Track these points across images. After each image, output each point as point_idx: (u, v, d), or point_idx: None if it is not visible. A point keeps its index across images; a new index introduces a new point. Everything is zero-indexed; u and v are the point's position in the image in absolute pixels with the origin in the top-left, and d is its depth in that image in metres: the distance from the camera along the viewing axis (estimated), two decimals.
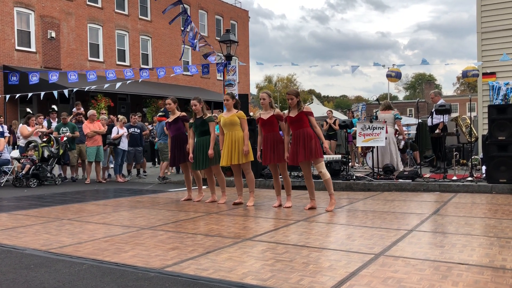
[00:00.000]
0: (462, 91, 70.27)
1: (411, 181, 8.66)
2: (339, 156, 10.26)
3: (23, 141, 11.69)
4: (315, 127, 6.33)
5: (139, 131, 12.22)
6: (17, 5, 22.21)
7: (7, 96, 15.94)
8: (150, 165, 15.84)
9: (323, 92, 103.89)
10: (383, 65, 14.53)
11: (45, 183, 11.09)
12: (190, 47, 14.09)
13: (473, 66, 11.93)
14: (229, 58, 12.91)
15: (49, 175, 11.27)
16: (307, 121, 6.30)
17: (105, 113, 15.89)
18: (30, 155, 10.99)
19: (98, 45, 26.18)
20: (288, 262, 3.64)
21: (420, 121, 12.88)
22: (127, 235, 4.85)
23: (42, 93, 14.53)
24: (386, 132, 9.22)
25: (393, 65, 14.50)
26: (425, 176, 9.12)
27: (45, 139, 11.70)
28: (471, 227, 4.93)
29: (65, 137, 11.59)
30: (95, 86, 15.23)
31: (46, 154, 11.24)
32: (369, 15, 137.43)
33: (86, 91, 16.73)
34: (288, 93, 6.37)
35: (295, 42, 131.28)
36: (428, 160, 11.90)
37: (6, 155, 11.37)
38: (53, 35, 23.40)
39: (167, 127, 7.94)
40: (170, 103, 7.74)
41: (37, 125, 12.00)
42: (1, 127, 12.39)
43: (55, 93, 14.15)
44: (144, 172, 12.83)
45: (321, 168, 6.24)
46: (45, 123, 12.75)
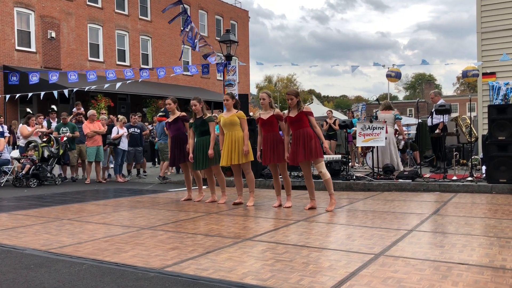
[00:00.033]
0: (462, 91, 70.28)
1: (411, 181, 8.66)
2: (339, 156, 10.26)
3: (23, 141, 11.69)
4: (315, 127, 6.33)
5: (139, 131, 12.22)
6: (17, 5, 22.21)
7: (7, 96, 15.94)
8: (150, 165, 15.84)
9: (323, 92, 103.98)
10: (383, 65, 14.55)
11: (45, 183, 11.09)
12: (190, 47, 14.09)
13: (473, 66, 11.93)
14: (229, 58, 12.92)
15: (49, 175, 11.27)
16: (307, 121, 6.30)
17: (105, 113, 15.89)
18: (30, 155, 10.99)
19: (98, 45, 26.19)
20: (288, 262, 3.64)
21: (420, 121, 12.88)
22: (127, 235, 4.86)
23: (42, 93, 14.53)
24: (386, 132, 9.23)
25: (393, 65, 14.51)
26: (425, 176, 9.12)
27: (45, 139, 11.70)
28: (471, 227, 4.93)
29: (65, 137, 11.59)
30: (95, 86, 15.23)
31: (46, 154, 11.24)
32: (369, 15, 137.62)
33: (86, 91, 16.73)
34: (287, 93, 6.38)
35: (295, 42, 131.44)
36: (428, 160, 11.90)
37: (6, 155, 11.38)
38: (53, 35, 23.40)
39: (167, 127, 7.94)
40: (170, 103, 7.74)
41: (37, 125, 12.01)
42: (1, 127, 12.40)
43: (55, 93, 14.16)
44: (144, 172, 12.83)
45: (321, 168, 6.24)
46: (45, 123, 12.76)
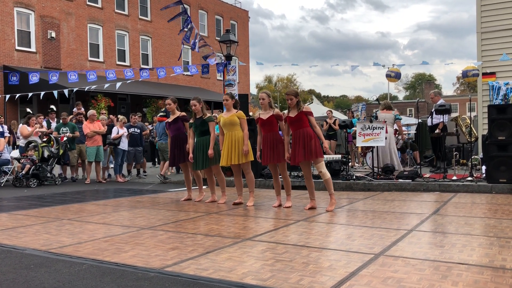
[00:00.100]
0: (462, 91, 70.27)
1: (411, 181, 8.66)
2: (339, 156, 10.27)
3: (23, 141, 11.69)
4: (315, 127, 6.33)
5: (139, 131, 12.22)
6: (17, 5, 22.21)
7: (7, 96, 15.94)
8: (150, 165, 15.84)
9: (323, 92, 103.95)
10: (383, 65, 14.56)
11: (45, 183, 11.09)
12: (190, 47, 14.09)
13: (473, 66, 11.94)
14: (229, 58, 12.92)
15: (49, 175, 11.27)
16: (307, 121, 6.30)
17: (105, 113, 15.90)
18: (30, 155, 10.99)
19: (98, 45, 26.19)
20: (288, 262, 3.64)
21: (420, 121, 12.89)
22: (127, 235, 4.86)
23: (42, 93, 14.53)
24: (386, 132, 9.23)
25: (393, 65, 14.52)
26: (425, 176, 9.12)
27: (45, 139, 11.70)
28: (471, 227, 4.93)
29: (65, 137, 11.60)
30: (95, 86, 15.23)
31: (46, 154, 11.24)
32: (369, 15, 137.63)
33: (86, 91, 16.74)
34: (287, 94, 6.38)
35: (295, 42, 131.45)
36: (428, 160, 11.91)
37: (6, 155, 11.38)
38: (53, 35, 23.40)
39: (167, 127, 7.94)
40: (170, 103, 7.74)
41: (36, 124, 12.00)
42: (1, 127, 12.39)
43: (55, 93, 14.15)
44: (144, 172, 12.83)
45: (321, 168, 6.24)
46: (44, 123, 12.76)
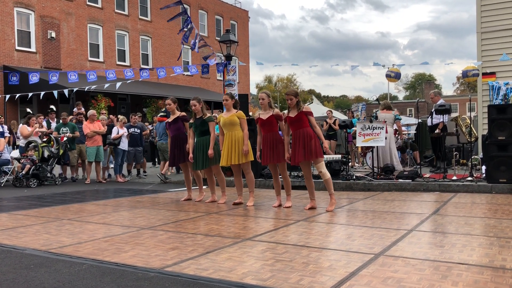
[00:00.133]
0: (462, 91, 70.28)
1: (411, 181, 8.66)
2: (339, 156, 10.27)
3: (23, 141, 11.69)
4: (314, 127, 6.33)
5: (139, 131, 12.22)
6: (17, 5, 22.21)
7: (7, 96, 15.94)
8: (150, 165, 15.84)
9: (323, 92, 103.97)
10: (383, 65, 14.57)
11: (45, 183, 11.09)
12: (190, 47, 14.09)
13: (473, 66, 11.94)
14: (229, 58, 12.92)
15: (49, 175, 11.27)
16: (307, 121, 6.30)
17: (105, 113, 15.89)
18: (30, 155, 10.99)
19: (98, 45, 26.19)
20: (288, 262, 3.64)
21: (420, 121, 12.89)
22: (127, 235, 4.86)
23: (42, 93, 14.53)
24: (386, 132, 9.23)
25: (393, 65, 14.53)
26: (425, 176, 9.12)
27: (45, 139, 11.70)
28: (471, 227, 4.93)
29: (65, 137, 11.60)
30: (95, 86, 15.23)
31: (46, 154, 11.24)
32: (369, 15, 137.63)
33: (86, 91, 16.74)
34: (287, 94, 6.37)
35: (295, 42, 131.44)
36: (428, 160, 11.91)
37: (6, 155, 11.38)
38: (53, 35, 23.40)
39: (167, 127, 7.94)
40: (170, 103, 7.74)
41: (36, 124, 11.99)
42: (1, 127, 12.40)
43: (55, 93, 14.15)
44: (144, 172, 12.83)
45: (321, 168, 6.24)
46: (44, 123, 12.76)
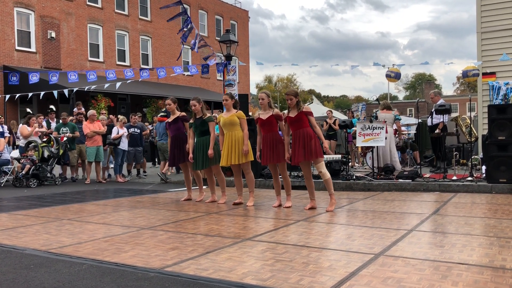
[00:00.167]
0: (462, 91, 70.28)
1: (411, 181, 8.66)
2: (339, 156, 10.26)
3: (23, 141, 11.69)
4: (314, 127, 6.32)
5: (139, 131, 12.22)
6: (17, 5, 22.21)
7: (7, 96, 15.94)
8: (150, 165, 15.84)
9: (323, 92, 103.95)
10: (383, 65, 14.58)
11: (45, 183, 11.09)
12: (190, 47, 14.09)
13: (473, 66, 11.93)
14: (229, 58, 12.92)
15: (49, 175, 11.27)
16: (307, 121, 6.30)
17: (105, 113, 15.89)
18: (30, 155, 10.99)
19: (98, 45, 26.19)
20: (288, 262, 3.64)
21: (420, 121, 12.89)
22: (127, 235, 4.86)
23: (42, 93, 14.53)
24: (386, 132, 9.23)
25: (393, 65, 14.53)
26: (425, 176, 9.12)
27: (45, 139, 11.70)
28: (471, 227, 4.93)
29: (65, 137, 11.59)
30: (95, 86, 15.23)
31: (46, 154, 11.24)
32: (369, 15, 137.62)
33: (86, 91, 16.73)
34: (287, 94, 6.37)
35: (295, 42, 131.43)
36: (428, 160, 11.90)
37: (6, 155, 11.38)
38: (53, 35, 23.40)
39: (167, 127, 7.94)
40: (170, 103, 7.74)
41: (35, 124, 11.98)
42: (1, 127, 12.40)
43: (55, 93, 14.15)
44: (144, 172, 12.83)
45: (321, 168, 6.24)
46: (44, 123, 12.76)
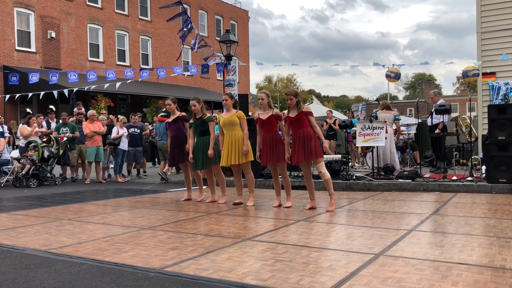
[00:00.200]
0: (462, 91, 70.28)
1: (411, 181, 8.66)
2: (339, 156, 10.26)
3: (23, 141, 11.69)
4: (314, 127, 6.32)
5: (139, 131, 12.22)
6: (17, 5, 22.21)
7: (7, 96, 15.94)
8: (150, 165, 15.84)
9: (323, 92, 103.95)
10: (383, 65, 14.59)
11: (45, 183, 11.09)
12: (190, 47, 14.10)
13: (473, 66, 11.94)
14: (229, 58, 12.92)
15: (49, 175, 11.27)
16: (307, 121, 6.29)
17: (105, 113, 15.89)
18: (30, 155, 10.99)
19: (98, 45, 26.19)
20: (288, 262, 3.64)
21: (420, 121, 12.89)
22: (127, 235, 4.86)
23: (42, 93, 14.52)
24: (386, 132, 9.23)
25: (393, 65, 14.53)
26: (425, 176, 9.12)
27: (45, 139, 11.70)
28: (471, 227, 4.93)
29: (65, 137, 11.59)
30: (95, 86, 15.23)
31: (46, 154, 11.24)
32: (368, 15, 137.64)
33: (86, 91, 16.73)
34: (287, 94, 6.37)
35: (295, 42, 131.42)
36: (428, 160, 11.90)
37: (6, 155, 11.37)
38: (53, 35, 23.39)
39: (167, 127, 7.94)
40: (170, 104, 7.74)
41: (34, 124, 11.97)
42: (1, 127, 12.39)
43: (55, 93, 14.15)
44: (144, 172, 12.83)
45: (321, 168, 6.24)
46: (44, 123, 12.75)
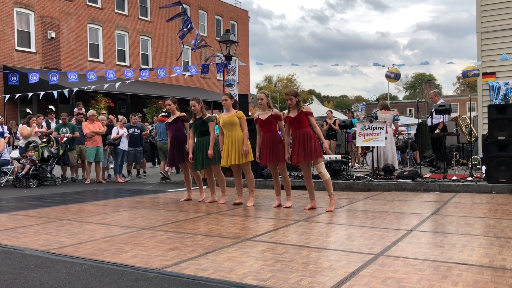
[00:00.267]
0: (462, 91, 70.29)
1: (411, 181, 8.66)
2: (339, 156, 10.27)
3: (23, 142, 11.69)
4: (314, 127, 6.32)
5: (139, 131, 12.22)
6: (17, 6, 22.21)
7: (6, 96, 15.94)
8: (150, 165, 15.84)
9: (323, 92, 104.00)
10: (383, 65, 14.59)
11: (45, 184, 11.09)
12: (190, 48, 14.11)
13: (473, 66, 11.94)
14: (229, 58, 12.92)
15: (49, 175, 11.27)
16: (307, 121, 6.29)
17: (104, 114, 15.89)
18: (30, 156, 10.99)
19: (98, 45, 26.18)
20: (287, 262, 3.64)
21: (420, 121, 12.89)
22: (127, 235, 4.85)
23: (41, 93, 14.53)
24: (386, 132, 9.23)
25: (393, 65, 14.53)
26: (425, 176, 9.12)
27: (45, 140, 11.69)
28: (471, 227, 4.93)
29: (65, 138, 11.59)
30: (94, 86, 15.22)
31: (46, 154, 11.24)
32: (368, 15, 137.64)
33: (86, 91, 16.73)
34: (286, 94, 6.37)
35: (295, 42, 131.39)
36: (428, 160, 11.90)
37: (6, 156, 11.37)
38: (53, 35, 23.39)
39: (167, 127, 7.94)
40: (170, 104, 7.74)
41: (34, 124, 11.96)
42: (1, 127, 12.39)
43: (55, 93, 14.15)
44: (144, 172, 12.83)
45: (320, 168, 6.24)
46: (44, 124, 12.75)
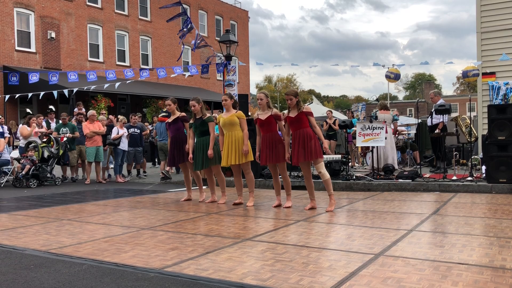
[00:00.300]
0: (462, 91, 70.30)
1: (411, 181, 8.66)
2: (339, 156, 10.27)
3: (23, 142, 11.69)
4: (314, 127, 6.32)
5: (139, 131, 12.22)
6: (17, 6, 22.21)
7: (6, 96, 15.95)
8: (150, 165, 15.84)
9: (323, 92, 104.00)
10: (383, 65, 14.60)
11: (45, 184, 11.09)
12: (190, 48, 14.12)
13: (473, 66, 11.94)
14: (229, 58, 12.92)
15: (49, 175, 11.26)
16: (307, 121, 6.29)
17: (105, 114, 15.89)
18: (30, 156, 10.99)
19: (98, 45, 26.18)
20: (287, 262, 3.64)
21: (420, 121, 12.90)
22: (127, 235, 4.86)
23: (41, 93, 14.53)
24: (386, 132, 9.23)
25: (393, 65, 14.54)
26: (425, 176, 9.13)
27: (45, 140, 11.69)
28: (471, 227, 4.93)
29: (65, 138, 11.59)
30: (94, 86, 15.22)
31: (46, 154, 11.24)
32: (368, 15, 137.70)
33: (86, 91, 16.74)
34: (286, 94, 6.37)
35: (295, 42, 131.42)
36: (428, 160, 11.91)
37: (6, 156, 11.37)
38: (53, 35, 23.39)
39: (167, 128, 7.95)
40: (170, 104, 7.74)
41: (34, 124, 11.95)
42: (1, 127, 12.39)
43: (55, 93, 14.16)
44: (144, 172, 12.83)
45: (320, 168, 6.24)
46: (44, 124, 12.75)
